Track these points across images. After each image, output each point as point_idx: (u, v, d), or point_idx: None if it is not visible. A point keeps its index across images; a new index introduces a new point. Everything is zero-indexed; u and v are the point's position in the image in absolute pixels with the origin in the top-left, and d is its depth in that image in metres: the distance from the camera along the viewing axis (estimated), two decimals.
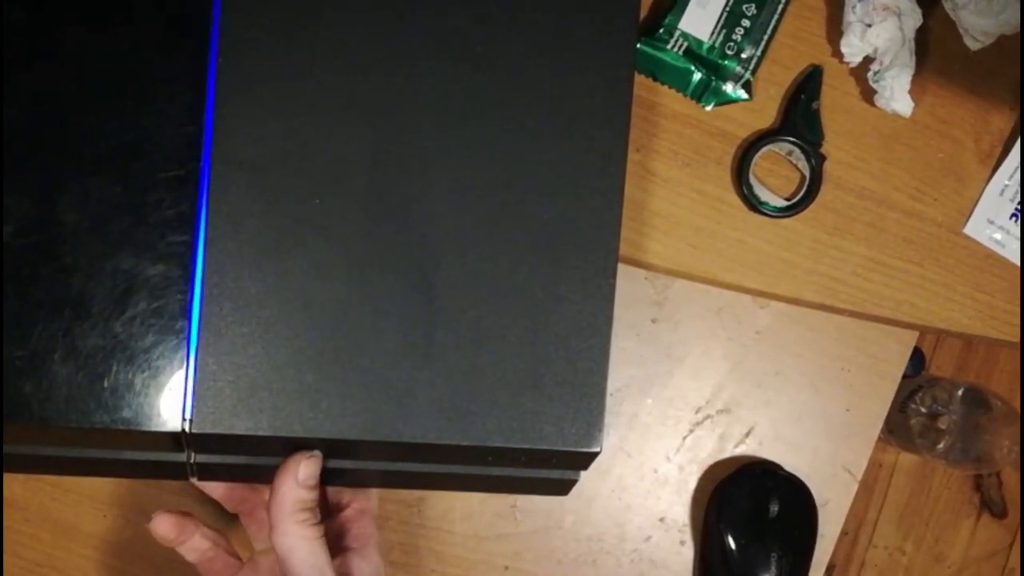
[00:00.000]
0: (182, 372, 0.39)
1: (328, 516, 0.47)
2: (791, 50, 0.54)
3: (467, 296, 0.41)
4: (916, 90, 0.52)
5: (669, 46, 0.52)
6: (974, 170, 0.55)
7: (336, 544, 0.46)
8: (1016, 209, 0.54)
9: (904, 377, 0.59)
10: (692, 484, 0.58)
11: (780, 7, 0.53)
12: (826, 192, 0.54)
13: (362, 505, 0.48)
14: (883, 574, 1.26)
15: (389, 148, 0.41)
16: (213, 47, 0.40)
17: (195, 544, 0.43)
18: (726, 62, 0.52)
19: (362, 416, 0.40)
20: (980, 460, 1.10)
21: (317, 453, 0.41)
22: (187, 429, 0.39)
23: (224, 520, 0.52)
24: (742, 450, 0.58)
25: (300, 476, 0.40)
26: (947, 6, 0.52)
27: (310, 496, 0.41)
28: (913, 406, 1.11)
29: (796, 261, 0.54)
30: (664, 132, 0.53)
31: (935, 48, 0.54)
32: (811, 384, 0.58)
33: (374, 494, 0.49)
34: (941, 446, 1.10)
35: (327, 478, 0.46)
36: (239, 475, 0.47)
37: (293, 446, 0.41)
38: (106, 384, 0.38)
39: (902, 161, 0.54)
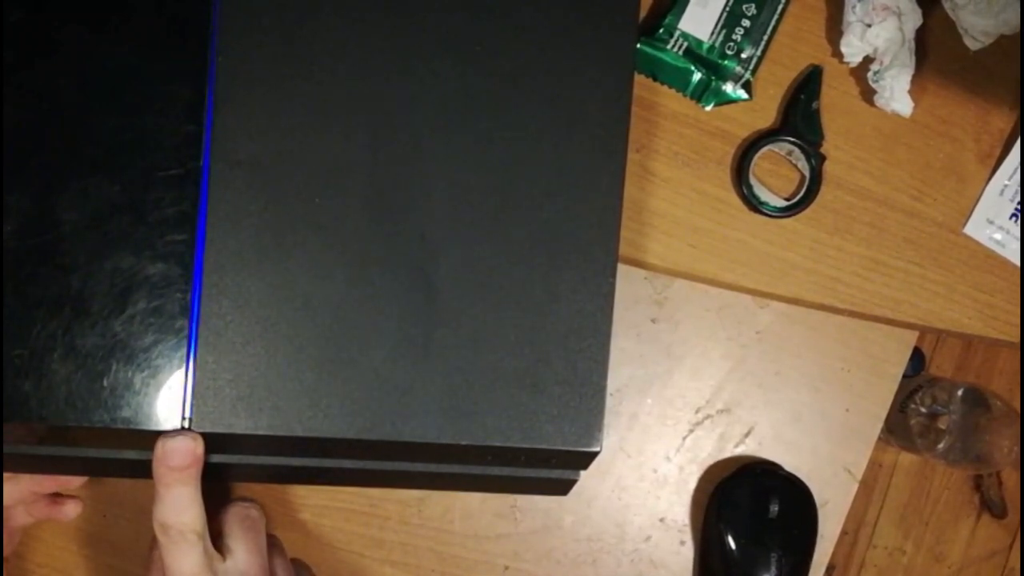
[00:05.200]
0: (182, 371, 0.39)
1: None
2: (791, 50, 0.54)
3: (467, 296, 0.41)
4: (916, 90, 0.52)
5: (669, 46, 0.52)
6: (974, 170, 0.55)
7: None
8: (1016, 209, 0.54)
9: (904, 377, 0.59)
10: (692, 484, 0.58)
11: (780, 7, 0.53)
12: (826, 192, 0.54)
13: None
14: (883, 574, 1.26)
15: (389, 147, 0.41)
16: (213, 47, 0.40)
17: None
18: (726, 62, 0.52)
19: (362, 416, 0.40)
20: (980, 460, 1.10)
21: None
22: (187, 428, 0.39)
23: None
24: (742, 450, 0.58)
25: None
26: (947, 6, 0.52)
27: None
28: (913, 406, 1.11)
29: (796, 261, 0.54)
30: (664, 132, 0.53)
31: (935, 48, 0.54)
32: (811, 384, 0.58)
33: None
34: (941, 446, 1.10)
35: (326, 478, 0.46)
36: (239, 475, 0.47)
37: (293, 446, 0.41)
38: (106, 383, 0.38)
39: (902, 161, 0.54)
